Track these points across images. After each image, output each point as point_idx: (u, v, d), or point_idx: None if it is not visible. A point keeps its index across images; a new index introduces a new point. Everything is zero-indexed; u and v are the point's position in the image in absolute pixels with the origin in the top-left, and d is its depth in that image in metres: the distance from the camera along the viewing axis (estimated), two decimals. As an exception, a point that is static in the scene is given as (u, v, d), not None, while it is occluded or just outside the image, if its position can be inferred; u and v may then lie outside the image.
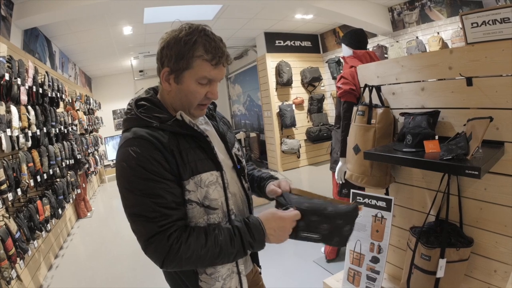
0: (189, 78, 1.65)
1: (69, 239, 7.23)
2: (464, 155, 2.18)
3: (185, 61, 1.61)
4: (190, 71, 1.63)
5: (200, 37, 1.62)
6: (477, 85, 2.47)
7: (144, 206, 1.53)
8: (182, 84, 1.67)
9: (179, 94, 1.70)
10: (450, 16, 7.05)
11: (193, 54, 1.61)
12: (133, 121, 1.67)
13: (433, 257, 2.56)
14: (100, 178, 13.25)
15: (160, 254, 1.53)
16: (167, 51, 1.64)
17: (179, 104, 1.73)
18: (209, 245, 1.56)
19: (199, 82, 1.66)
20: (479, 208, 2.62)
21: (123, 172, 1.55)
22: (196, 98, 1.70)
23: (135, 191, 1.53)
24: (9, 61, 4.44)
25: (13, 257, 3.81)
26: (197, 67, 1.62)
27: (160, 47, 1.69)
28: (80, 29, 7.75)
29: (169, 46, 1.64)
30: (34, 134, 4.97)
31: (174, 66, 1.63)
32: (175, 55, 1.62)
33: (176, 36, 1.63)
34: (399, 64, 3.04)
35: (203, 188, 1.66)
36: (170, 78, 1.67)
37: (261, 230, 1.63)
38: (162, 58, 1.68)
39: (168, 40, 1.65)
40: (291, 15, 9.05)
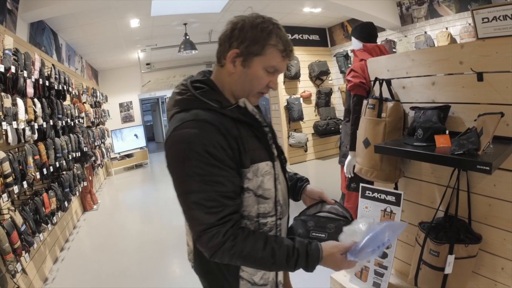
0: (258, 64, 1.65)
1: (75, 232, 7.25)
2: (475, 150, 2.16)
3: (258, 47, 1.62)
4: (261, 58, 1.64)
5: (275, 27, 1.64)
6: (488, 80, 2.44)
7: (204, 194, 1.51)
8: (249, 69, 1.66)
9: (243, 78, 1.69)
10: (458, 12, 7.01)
11: (268, 41, 1.62)
12: (191, 102, 1.65)
13: (442, 253, 2.54)
14: (106, 171, 13.31)
15: (212, 247, 1.53)
16: (240, 33, 1.63)
17: (240, 88, 1.72)
18: (266, 254, 1.57)
19: (267, 70, 1.67)
20: (488, 204, 2.60)
21: (183, 154, 1.51)
22: (260, 85, 1.71)
23: (195, 176, 1.50)
24: (15, 54, 4.43)
25: (18, 250, 3.80)
26: (269, 55, 1.64)
27: (229, 28, 1.67)
28: (87, 22, 7.75)
29: (243, 29, 1.63)
30: (40, 127, 4.98)
31: (246, 50, 1.63)
32: (249, 39, 1.61)
33: (253, 21, 1.63)
34: (410, 58, 3.01)
35: (258, 177, 1.67)
36: (237, 60, 1.65)
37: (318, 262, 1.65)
38: (231, 39, 1.65)
39: (243, 23, 1.64)
40: (299, 9, 9.02)
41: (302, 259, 1.61)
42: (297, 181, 2.19)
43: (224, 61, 1.69)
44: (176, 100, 1.70)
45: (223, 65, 1.71)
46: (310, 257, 1.62)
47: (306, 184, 2.17)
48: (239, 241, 1.53)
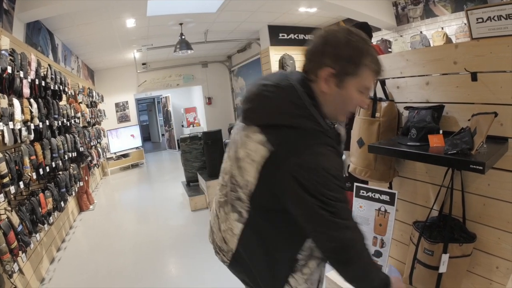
0: (352, 85, 1.62)
1: (72, 232, 7.25)
2: (469, 150, 2.18)
3: (353, 67, 1.58)
4: (355, 78, 1.61)
5: (369, 47, 1.62)
6: (482, 80, 2.46)
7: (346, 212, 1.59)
8: (343, 90, 1.63)
9: (337, 99, 1.67)
10: (454, 12, 7.02)
11: (362, 62, 1.58)
12: (310, 122, 1.62)
13: (436, 252, 2.56)
14: (102, 171, 13.29)
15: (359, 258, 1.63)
16: (334, 50, 1.59)
17: (333, 108, 1.70)
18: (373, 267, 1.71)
19: (360, 90, 1.65)
20: (482, 203, 2.62)
21: (325, 180, 1.53)
22: (352, 106, 1.72)
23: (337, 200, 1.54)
24: (12, 54, 4.43)
25: (15, 251, 3.81)
26: (363, 76, 1.61)
27: (320, 42, 1.65)
28: (83, 22, 7.74)
29: (338, 46, 1.59)
30: (36, 127, 4.97)
31: (341, 69, 1.59)
32: (344, 59, 1.58)
33: (346, 38, 1.59)
34: (404, 58, 3.03)
35: None
36: (331, 80, 1.62)
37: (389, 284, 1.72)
38: (323, 55, 1.62)
39: (336, 39, 1.60)
40: (294, 8, 9.02)
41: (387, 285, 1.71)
42: None
43: (314, 77, 1.67)
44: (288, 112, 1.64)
45: (313, 80, 1.68)
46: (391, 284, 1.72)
47: None
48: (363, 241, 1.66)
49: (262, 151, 1.63)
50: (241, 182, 1.77)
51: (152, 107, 23.17)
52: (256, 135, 1.66)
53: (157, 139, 22.96)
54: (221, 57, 16.02)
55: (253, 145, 1.67)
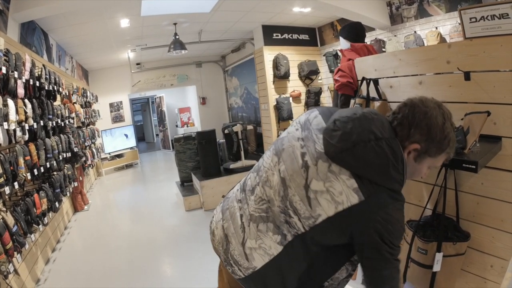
0: (427, 163, 1.79)
1: (66, 232, 7.24)
2: (461, 149, 2.19)
3: (436, 151, 1.74)
4: (432, 159, 1.77)
5: (453, 132, 1.76)
6: (475, 79, 2.47)
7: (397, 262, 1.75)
8: (418, 165, 1.79)
9: (409, 168, 1.78)
10: (448, 11, 7.03)
11: (445, 150, 1.75)
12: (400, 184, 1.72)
13: (430, 251, 2.57)
14: (97, 171, 13.25)
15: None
16: (428, 131, 1.70)
17: None
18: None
19: (430, 167, 1.83)
20: (476, 202, 2.63)
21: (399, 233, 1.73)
22: (418, 177, 1.87)
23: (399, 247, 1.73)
24: (6, 55, 4.42)
25: (10, 251, 3.80)
26: (439, 159, 1.78)
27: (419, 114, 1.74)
28: (77, 22, 7.72)
29: (432, 127, 1.70)
30: (31, 128, 4.95)
31: (426, 149, 1.72)
32: (434, 143, 1.71)
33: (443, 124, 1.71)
34: (397, 57, 3.04)
35: None
36: (412, 153, 1.75)
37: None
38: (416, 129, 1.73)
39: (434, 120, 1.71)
40: (289, 8, 9.01)
41: None
42: None
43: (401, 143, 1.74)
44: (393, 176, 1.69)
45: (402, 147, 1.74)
46: None
47: None
48: None
49: (351, 197, 1.65)
50: (304, 213, 1.74)
51: (146, 107, 23.14)
52: (348, 179, 1.67)
53: (151, 139, 22.95)
54: (215, 57, 16.00)
55: (340, 186, 1.67)
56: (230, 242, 1.99)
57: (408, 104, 1.77)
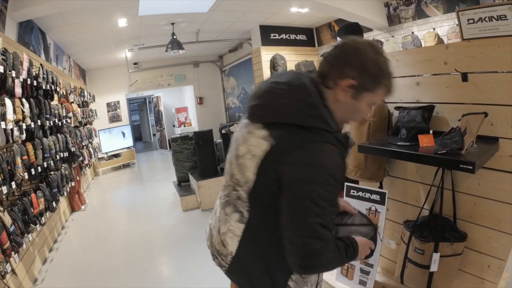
0: (366, 99, 1.70)
1: (63, 232, 7.22)
2: (459, 150, 2.20)
3: (373, 84, 1.65)
4: (371, 94, 1.68)
5: (389, 64, 1.69)
6: (472, 80, 2.49)
7: (328, 217, 1.61)
8: (357, 102, 1.70)
9: (349, 108, 1.73)
10: (446, 12, 7.04)
11: (383, 81, 1.66)
12: (320, 122, 1.65)
13: (427, 251, 2.58)
14: (94, 171, 13.24)
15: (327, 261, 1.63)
16: (360, 64, 1.63)
17: (342, 115, 1.76)
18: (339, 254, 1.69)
19: (370, 105, 1.75)
20: (473, 203, 2.64)
21: (318, 178, 1.55)
22: (359, 117, 1.80)
23: (325, 200, 1.56)
24: (4, 54, 4.41)
25: (7, 251, 3.80)
26: (378, 93, 1.69)
27: (345, 52, 1.68)
28: (75, 21, 7.71)
29: (366, 61, 1.63)
30: (28, 127, 4.94)
31: (362, 83, 1.64)
32: (368, 75, 1.63)
33: (375, 56, 1.64)
34: (395, 58, 3.05)
35: None
36: (349, 91, 1.66)
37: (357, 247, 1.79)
38: (346, 66, 1.65)
39: (363, 53, 1.64)
40: (286, 9, 9.02)
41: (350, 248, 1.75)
42: None
43: (333, 84, 1.69)
44: (301, 112, 1.66)
45: (329, 87, 1.71)
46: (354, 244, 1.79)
47: None
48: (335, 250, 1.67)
49: (263, 145, 1.66)
50: (241, 180, 1.78)
51: (143, 107, 23.10)
52: (260, 131, 1.70)
53: (149, 139, 22.90)
54: (213, 57, 15.98)
55: (255, 140, 1.71)
56: (212, 234, 2.04)
57: (337, 46, 1.72)
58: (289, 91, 1.69)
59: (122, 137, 14.63)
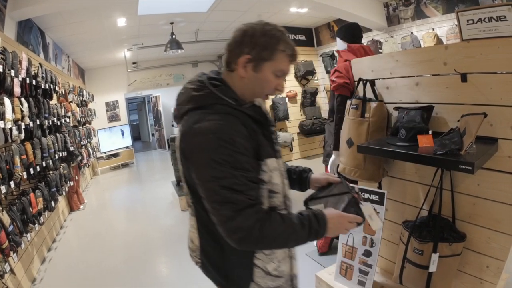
0: (268, 68, 1.74)
1: (62, 232, 7.22)
2: (458, 150, 2.19)
3: (269, 53, 1.70)
4: (271, 63, 1.73)
5: (283, 35, 1.75)
6: (472, 81, 2.48)
7: (235, 179, 1.57)
8: (260, 73, 1.74)
9: (254, 82, 1.77)
10: (445, 13, 7.05)
11: (277, 47, 1.71)
12: (210, 98, 1.73)
13: (426, 251, 2.58)
14: (92, 171, 13.24)
15: (245, 227, 1.58)
16: (252, 39, 1.71)
17: (251, 91, 1.81)
18: (285, 226, 1.65)
19: (276, 74, 1.76)
20: (472, 203, 2.64)
21: (210, 143, 1.58)
22: (268, 88, 1.81)
23: (224, 163, 1.57)
24: (3, 53, 4.41)
25: (6, 251, 3.79)
26: (278, 60, 1.73)
27: (239, 35, 1.75)
28: (74, 21, 7.71)
29: (254, 36, 1.71)
30: (27, 126, 4.94)
31: (257, 55, 1.71)
32: (260, 45, 1.70)
33: (262, 29, 1.72)
34: (394, 58, 3.04)
35: (269, 172, 1.76)
36: (248, 65, 1.73)
37: (325, 221, 1.73)
38: (241, 45, 1.73)
39: (253, 30, 1.72)
40: (285, 9, 9.04)
41: (313, 222, 1.71)
42: (302, 173, 2.29)
43: (234, 66, 1.77)
44: (192, 96, 1.77)
45: (233, 70, 1.78)
46: (319, 216, 1.73)
47: (310, 174, 2.26)
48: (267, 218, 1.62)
49: (178, 137, 1.79)
50: (181, 175, 1.89)
51: (142, 106, 23.08)
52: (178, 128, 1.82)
53: (147, 138, 22.89)
54: (212, 56, 15.95)
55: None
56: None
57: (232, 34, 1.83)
58: (186, 87, 1.84)
59: (121, 136, 14.61)
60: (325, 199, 2.06)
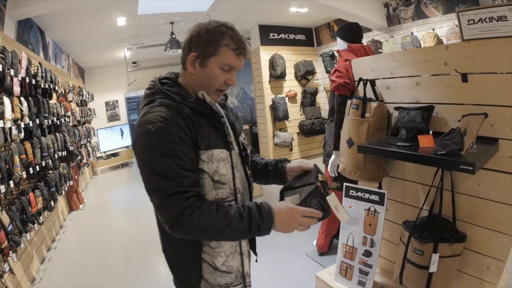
0: (214, 63, 1.82)
1: (62, 231, 7.22)
2: (459, 150, 2.19)
3: (212, 48, 1.79)
4: (216, 58, 1.81)
5: (228, 29, 1.82)
6: (472, 81, 2.48)
7: (166, 166, 1.63)
8: (206, 68, 1.83)
9: (202, 77, 1.86)
10: (446, 13, 7.04)
11: (220, 42, 1.79)
12: (157, 94, 1.84)
13: (426, 251, 2.58)
14: (92, 170, 13.24)
15: (175, 213, 1.62)
16: (197, 38, 1.81)
17: (200, 86, 1.87)
18: (219, 216, 1.66)
19: (222, 68, 1.84)
20: (472, 203, 2.64)
21: (147, 133, 1.64)
22: (217, 82, 1.86)
23: (157, 151, 1.63)
24: (2, 52, 4.41)
25: (5, 250, 3.79)
26: (222, 54, 1.81)
27: (189, 36, 1.85)
28: (74, 20, 7.70)
29: (199, 34, 1.81)
30: (26, 126, 4.94)
31: (202, 52, 1.80)
32: (204, 42, 1.79)
33: (207, 26, 1.81)
34: (394, 58, 3.04)
35: (214, 163, 1.78)
36: (195, 62, 1.84)
37: (270, 214, 1.72)
38: (190, 45, 1.84)
39: (199, 29, 1.82)
40: (286, 8, 9.02)
41: (254, 214, 1.71)
42: (277, 164, 2.30)
43: (186, 64, 1.88)
44: (145, 94, 1.90)
45: (186, 68, 1.89)
46: (262, 209, 1.73)
47: (286, 163, 2.28)
48: (197, 206, 1.64)
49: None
50: None
51: (142, 106, 23.14)
52: None
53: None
54: (211, 56, 15.91)
55: None
56: None
57: None
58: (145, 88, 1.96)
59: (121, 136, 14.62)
60: (300, 189, 2.03)
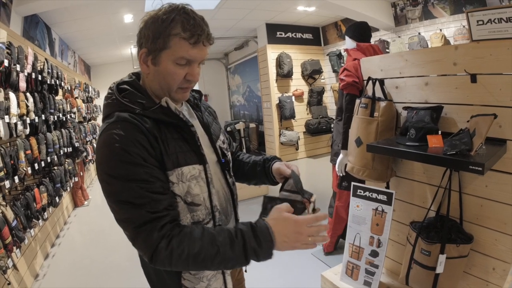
0: (166, 58, 1.54)
1: (66, 227, 7.24)
2: (468, 151, 2.17)
3: (161, 40, 1.51)
4: (167, 51, 1.52)
5: (179, 15, 1.52)
6: (481, 82, 2.46)
7: (130, 191, 1.40)
8: (159, 66, 1.56)
9: (157, 77, 1.60)
10: (453, 14, 7.03)
11: (170, 32, 1.50)
12: (114, 106, 1.56)
13: (433, 252, 2.56)
14: (97, 167, 13.19)
15: (150, 245, 1.40)
16: (145, 31, 1.55)
17: (158, 87, 1.63)
18: (205, 243, 1.41)
19: (177, 62, 1.55)
20: (479, 205, 2.62)
21: (105, 157, 1.44)
22: (174, 80, 1.59)
23: (118, 177, 1.41)
24: (9, 48, 4.41)
25: (9, 246, 3.79)
26: (174, 47, 1.52)
27: (139, 28, 1.60)
28: (81, 17, 7.72)
29: (147, 25, 1.55)
30: (32, 121, 4.95)
31: (152, 47, 1.53)
32: (152, 35, 1.52)
33: (155, 15, 1.54)
34: (403, 58, 3.02)
35: (184, 182, 1.56)
36: (148, 60, 1.58)
37: (269, 236, 1.42)
38: (140, 39, 1.59)
39: (146, 20, 1.57)
40: (293, 7, 9.03)
41: (249, 238, 1.42)
42: (265, 163, 2.05)
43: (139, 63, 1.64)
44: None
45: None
46: (258, 230, 1.44)
47: (272, 163, 2.02)
48: (175, 234, 1.41)
49: None
50: None
51: (148, 103, 23.18)
52: None
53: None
54: (218, 54, 15.98)
55: None
56: None
57: None
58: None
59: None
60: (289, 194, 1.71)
